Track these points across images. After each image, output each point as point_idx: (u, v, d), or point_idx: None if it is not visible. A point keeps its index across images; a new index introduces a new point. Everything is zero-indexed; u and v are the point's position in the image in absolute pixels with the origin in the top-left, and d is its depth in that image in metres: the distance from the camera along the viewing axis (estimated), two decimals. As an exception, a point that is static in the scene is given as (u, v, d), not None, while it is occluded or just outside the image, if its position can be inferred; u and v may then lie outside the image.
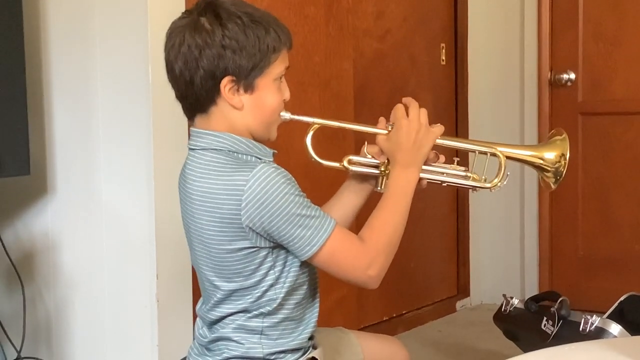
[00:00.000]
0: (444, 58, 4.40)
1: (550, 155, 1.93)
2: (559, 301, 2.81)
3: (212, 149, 1.72)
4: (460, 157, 1.96)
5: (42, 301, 2.90)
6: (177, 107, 2.74)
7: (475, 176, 1.91)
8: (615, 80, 4.22)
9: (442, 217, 4.44)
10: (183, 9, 2.67)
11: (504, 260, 4.53)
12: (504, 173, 1.89)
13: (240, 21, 1.69)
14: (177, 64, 1.71)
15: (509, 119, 4.48)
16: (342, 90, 3.45)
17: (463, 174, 1.91)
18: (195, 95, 1.72)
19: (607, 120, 4.25)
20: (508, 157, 1.90)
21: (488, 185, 1.90)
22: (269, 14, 1.76)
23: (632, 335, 2.62)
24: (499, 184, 1.90)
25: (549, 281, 4.39)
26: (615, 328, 2.64)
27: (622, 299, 2.93)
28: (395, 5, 4.04)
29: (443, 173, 1.90)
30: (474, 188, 1.93)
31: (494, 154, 1.90)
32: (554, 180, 1.93)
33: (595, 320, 2.68)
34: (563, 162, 1.92)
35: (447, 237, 4.50)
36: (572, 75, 4.30)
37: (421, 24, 4.24)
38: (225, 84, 1.70)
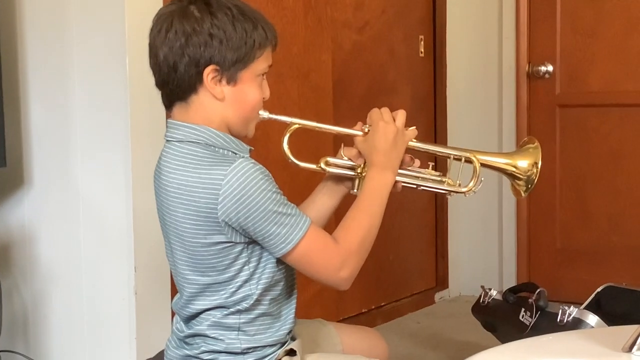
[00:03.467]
0: (422, 50, 4.40)
1: (523, 163, 1.96)
2: (536, 292, 2.82)
3: (189, 142, 1.71)
4: (434, 163, 1.98)
5: (18, 294, 2.88)
6: (155, 99, 2.71)
7: (450, 181, 1.94)
8: (593, 72, 4.24)
9: (421, 209, 4.44)
10: (160, 0, 2.67)
11: (482, 252, 4.55)
12: (478, 178, 1.91)
13: (230, 12, 1.70)
14: (162, 50, 1.70)
15: (487, 111, 4.49)
16: (320, 82, 3.45)
17: (438, 178, 1.94)
18: (176, 82, 1.71)
19: (585, 112, 4.27)
20: (482, 164, 1.93)
21: (463, 190, 1.93)
22: (258, 12, 1.77)
23: (608, 325, 2.64)
24: (473, 188, 1.92)
25: (527, 273, 4.41)
26: (592, 319, 2.66)
27: (599, 290, 2.96)
28: (373, -4, 4.04)
29: (418, 177, 1.93)
30: (449, 192, 1.95)
31: (468, 160, 1.92)
32: (524, 188, 1.96)
33: (573, 311, 2.69)
34: (535, 171, 1.95)
35: (426, 229, 4.51)
36: (550, 68, 4.32)
37: (400, 16, 4.23)
38: (209, 72, 1.69)
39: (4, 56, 2.65)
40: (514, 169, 1.95)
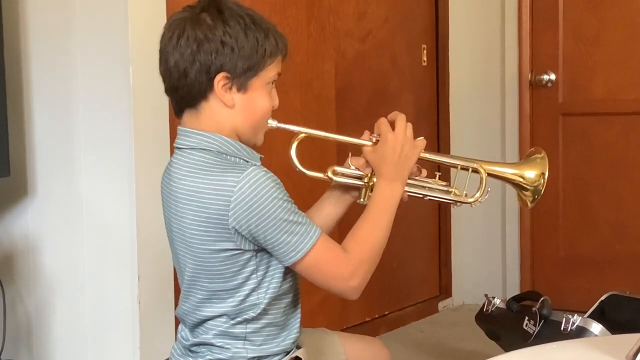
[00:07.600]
0: (425, 59, 4.41)
1: (530, 174, 1.96)
2: (540, 301, 2.81)
3: (200, 149, 1.72)
4: (440, 173, 1.98)
5: (22, 303, 2.88)
6: (159, 109, 2.73)
7: (456, 191, 1.95)
8: (596, 80, 4.24)
9: (424, 218, 4.44)
10: (164, 10, 2.68)
11: (485, 261, 4.54)
12: (484, 188, 1.92)
13: (242, 21, 1.71)
14: (173, 56, 1.70)
15: (490, 120, 4.49)
16: (323, 91, 3.45)
17: (445, 188, 1.95)
18: (187, 89, 1.71)
19: (588, 120, 4.27)
20: (489, 174, 1.93)
21: (469, 200, 1.94)
22: (269, 21, 1.77)
23: (612, 334, 2.63)
24: (480, 199, 1.93)
25: (530, 281, 4.41)
26: (596, 327, 2.65)
27: (602, 298, 2.95)
28: (376, 6, 4.05)
29: (425, 187, 1.94)
30: (455, 203, 1.96)
31: (475, 170, 1.93)
32: (531, 198, 1.97)
33: (577, 320, 2.68)
34: (542, 181, 1.96)
35: (429, 238, 4.51)
36: (553, 76, 4.32)
37: (402, 25, 4.24)
38: (219, 80, 1.70)
39: (8, 65, 2.65)
40: (521, 180, 1.96)
